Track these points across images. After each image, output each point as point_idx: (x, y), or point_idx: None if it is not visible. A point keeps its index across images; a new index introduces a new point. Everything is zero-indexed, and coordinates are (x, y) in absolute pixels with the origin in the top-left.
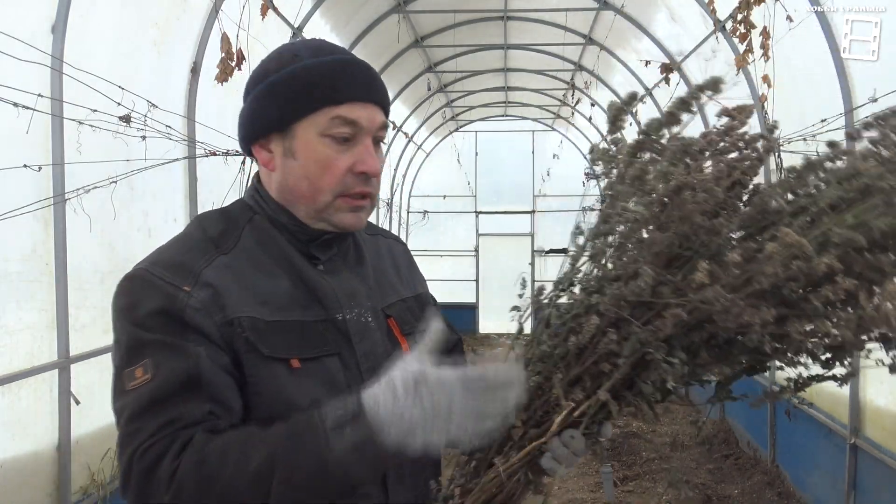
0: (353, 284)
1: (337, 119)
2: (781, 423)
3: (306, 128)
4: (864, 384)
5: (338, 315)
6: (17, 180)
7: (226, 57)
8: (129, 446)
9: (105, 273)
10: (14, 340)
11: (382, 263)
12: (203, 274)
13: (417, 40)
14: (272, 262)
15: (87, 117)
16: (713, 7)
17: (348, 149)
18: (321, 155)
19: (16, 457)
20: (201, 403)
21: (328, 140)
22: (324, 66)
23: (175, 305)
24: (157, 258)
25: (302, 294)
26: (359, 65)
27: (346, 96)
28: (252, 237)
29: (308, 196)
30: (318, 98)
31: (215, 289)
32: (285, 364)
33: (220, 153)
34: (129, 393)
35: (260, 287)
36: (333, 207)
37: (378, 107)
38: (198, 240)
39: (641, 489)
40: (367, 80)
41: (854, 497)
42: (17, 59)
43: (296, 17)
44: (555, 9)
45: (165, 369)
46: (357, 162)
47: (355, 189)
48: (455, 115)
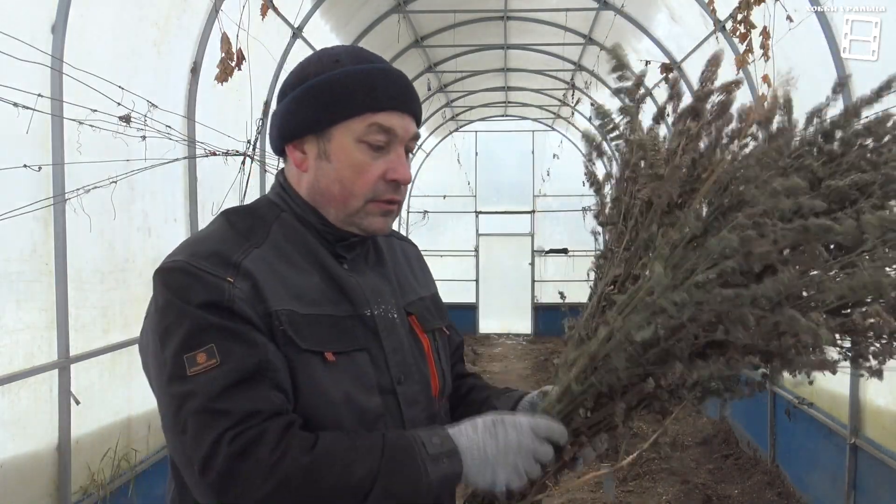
0: (377, 283)
1: (374, 126)
2: (781, 423)
3: (343, 132)
4: (864, 384)
5: (366, 311)
6: (17, 180)
7: (226, 57)
8: (213, 430)
9: (105, 273)
10: (14, 340)
11: (399, 264)
12: (242, 265)
13: (417, 40)
14: (301, 258)
15: (87, 117)
16: (713, 7)
17: (382, 156)
18: (356, 160)
19: (16, 457)
20: (274, 391)
21: (364, 146)
22: (364, 74)
23: (224, 296)
24: (194, 250)
25: (331, 290)
26: (398, 74)
27: (385, 105)
28: (281, 233)
29: (339, 199)
30: (357, 104)
31: (255, 280)
32: (320, 357)
33: (220, 153)
34: (193, 378)
35: (292, 281)
36: (364, 212)
37: (412, 117)
38: (229, 233)
39: (641, 489)
40: (405, 90)
41: (854, 497)
42: (17, 59)
43: (296, 17)
44: (555, 9)
45: (236, 355)
46: (389, 170)
47: (385, 196)
48: (455, 115)
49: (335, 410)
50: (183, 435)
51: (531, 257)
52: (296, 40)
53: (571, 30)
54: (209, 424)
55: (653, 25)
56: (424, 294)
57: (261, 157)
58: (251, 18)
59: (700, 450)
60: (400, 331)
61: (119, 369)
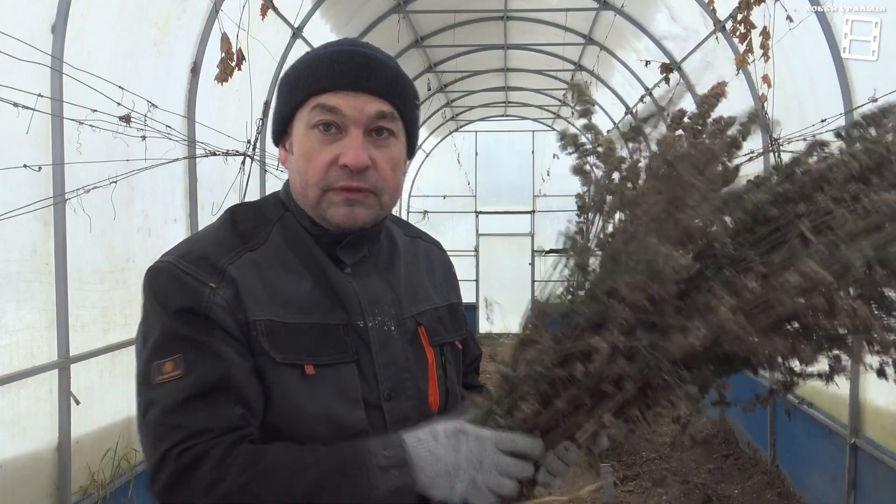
0: (378, 290)
1: (318, 108)
2: (781, 423)
3: (297, 122)
4: (864, 384)
5: (359, 322)
6: (17, 180)
7: (226, 57)
8: (164, 442)
9: (105, 273)
10: (14, 340)
11: (417, 268)
12: (228, 270)
13: (417, 40)
14: (299, 261)
15: (87, 117)
16: (713, 7)
17: (335, 140)
18: (306, 147)
19: (16, 457)
20: (234, 407)
21: (315, 132)
22: (315, 59)
23: (202, 302)
24: (186, 250)
25: (325, 296)
26: (352, 53)
27: (326, 84)
28: (281, 235)
29: (300, 191)
30: (302, 88)
31: (238, 287)
32: (299, 370)
33: (220, 153)
34: (158, 387)
35: (284, 286)
36: (325, 202)
37: (373, 96)
38: (227, 234)
39: (641, 489)
40: (358, 68)
41: (854, 497)
42: (17, 59)
43: (296, 17)
44: (555, 9)
45: (199, 368)
46: (340, 154)
47: (339, 183)
48: (455, 115)
49: (310, 425)
50: (144, 440)
51: (531, 257)
52: (296, 40)
53: (571, 30)
54: (162, 437)
55: (653, 25)
56: (440, 304)
57: (261, 157)
58: (251, 18)
59: (700, 450)
60: (396, 344)
61: (119, 369)
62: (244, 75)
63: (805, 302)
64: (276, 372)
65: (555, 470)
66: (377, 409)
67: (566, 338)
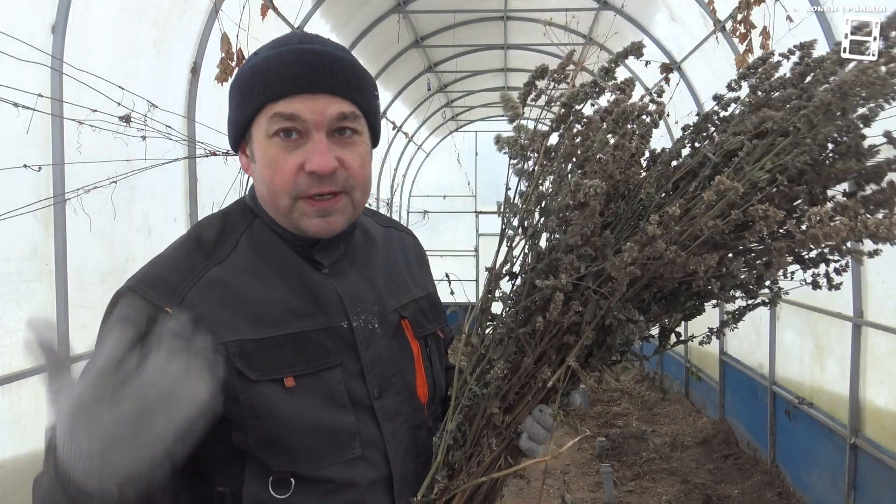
0: (358, 288)
1: (275, 116)
2: (781, 423)
3: (256, 130)
4: (864, 384)
5: (342, 323)
6: (17, 180)
7: (226, 57)
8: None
9: (105, 273)
10: (14, 340)
11: (394, 260)
12: (188, 295)
13: (417, 40)
14: (270, 269)
15: (87, 117)
16: (713, 7)
17: (298, 146)
18: (269, 156)
19: (16, 457)
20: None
21: (276, 140)
22: (263, 62)
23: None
24: (146, 273)
25: (302, 302)
26: (306, 54)
27: (281, 91)
28: (250, 243)
29: (269, 201)
30: (256, 96)
31: (199, 311)
32: (279, 384)
33: (220, 153)
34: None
35: (253, 300)
36: (297, 212)
37: (332, 96)
38: (190, 250)
39: (641, 489)
40: (311, 69)
41: (854, 497)
42: (17, 59)
43: (296, 18)
44: (555, 9)
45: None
46: (305, 161)
47: (311, 191)
48: (455, 115)
49: (302, 435)
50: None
51: None
52: None
53: (571, 30)
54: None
55: (652, 25)
56: (419, 294)
57: None
58: (251, 18)
59: (700, 450)
60: (380, 341)
61: None
62: None
63: (724, 221)
64: (255, 390)
65: (535, 436)
66: (367, 408)
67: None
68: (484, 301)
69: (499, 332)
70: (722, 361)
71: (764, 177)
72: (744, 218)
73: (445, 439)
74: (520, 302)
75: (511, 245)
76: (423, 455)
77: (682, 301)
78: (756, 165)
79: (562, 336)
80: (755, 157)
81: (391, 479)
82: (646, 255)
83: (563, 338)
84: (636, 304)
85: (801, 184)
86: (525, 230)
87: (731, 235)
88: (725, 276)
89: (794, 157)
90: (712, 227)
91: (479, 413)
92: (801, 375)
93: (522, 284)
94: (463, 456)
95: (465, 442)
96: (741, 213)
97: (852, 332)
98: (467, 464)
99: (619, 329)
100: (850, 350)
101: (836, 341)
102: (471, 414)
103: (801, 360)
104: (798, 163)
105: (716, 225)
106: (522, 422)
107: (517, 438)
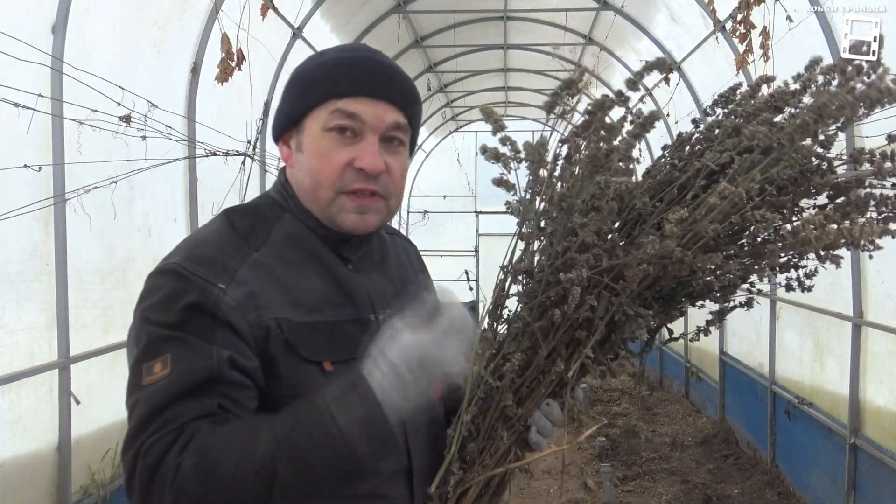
0: (382, 285)
1: (336, 112)
2: (781, 423)
3: (312, 122)
4: (864, 384)
5: (370, 316)
6: (17, 180)
7: (226, 57)
8: (135, 443)
9: (105, 273)
10: (14, 340)
11: (402, 263)
12: (239, 272)
13: (417, 40)
14: (303, 260)
15: (87, 117)
16: (713, 7)
17: (351, 144)
18: (322, 148)
19: (16, 457)
20: (212, 399)
21: (331, 134)
22: (333, 62)
23: (209, 302)
24: (191, 252)
25: (334, 293)
26: (372, 61)
27: (347, 90)
28: (282, 235)
29: (311, 191)
30: (320, 91)
31: (251, 288)
32: (319, 367)
33: (220, 153)
34: (144, 388)
35: (291, 287)
36: (337, 206)
37: (391, 105)
38: (230, 235)
39: (641, 489)
40: (377, 76)
41: (854, 497)
42: (17, 59)
43: (296, 18)
44: (555, 9)
45: (184, 365)
46: (357, 157)
47: (354, 185)
48: (455, 115)
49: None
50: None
51: None
52: (296, 40)
53: (571, 30)
54: (133, 438)
55: (652, 25)
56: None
57: (261, 157)
58: (251, 18)
59: (700, 450)
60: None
61: (119, 369)
62: (244, 75)
63: (723, 224)
64: (299, 370)
65: (542, 429)
66: None
67: (537, 289)
68: (498, 297)
69: (514, 326)
70: (722, 361)
71: (755, 186)
72: (741, 222)
73: (460, 431)
74: (536, 297)
75: (529, 243)
76: (437, 449)
77: (678, 299)
78: (747, 176)
79: (573, 332)
80: (745, 169)
81: (411, 472)
82: (658, 252)
83: (574, 333)
84: (639, 302)
85: (787, 194)
86: (542, 229)
87: (728, 238)
88: (723, 275)
89: (780, 170)
90: (714, 229)
91: (493, 405)
92: (801, 375)
93: (538, 281)
94: (476, 448)
95: (479, 434)
96: (739, 217)
97: (852, 332)
98: (479, 456)
99: (626, 324)
100: (849, 350)
101: (836, 341)
102: (485, 406)
103: (801, 359)
104: (784, 175)
105: (716, 228)
106: (531, 415)
107: (526, 432)
